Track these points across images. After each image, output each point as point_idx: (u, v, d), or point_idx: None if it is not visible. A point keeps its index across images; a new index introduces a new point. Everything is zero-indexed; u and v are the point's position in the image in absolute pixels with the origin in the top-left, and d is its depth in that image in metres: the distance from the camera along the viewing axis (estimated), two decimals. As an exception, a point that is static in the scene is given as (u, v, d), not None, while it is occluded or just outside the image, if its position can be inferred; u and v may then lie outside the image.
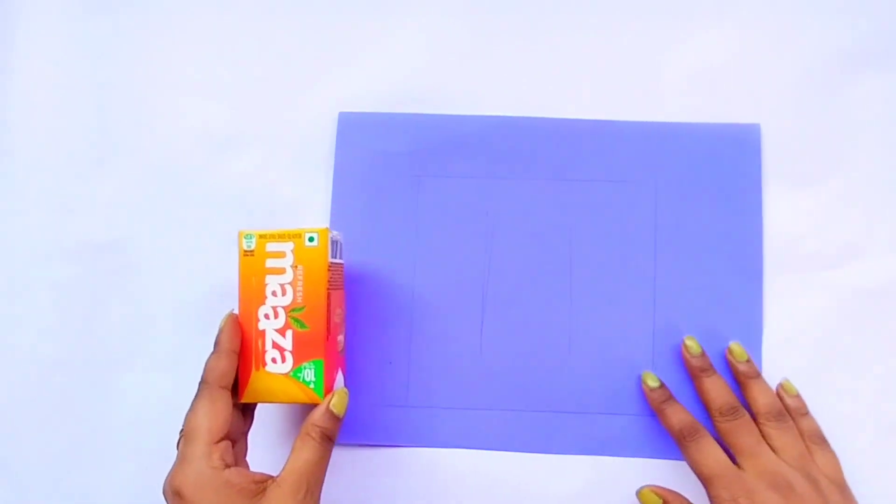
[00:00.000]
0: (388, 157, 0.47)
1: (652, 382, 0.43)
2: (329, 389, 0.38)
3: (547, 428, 0.45)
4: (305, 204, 0.47)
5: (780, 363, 0.45)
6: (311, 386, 0.37)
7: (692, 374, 0.44)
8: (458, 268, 0.46)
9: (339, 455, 0.45)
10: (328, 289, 0.38)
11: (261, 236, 0.38)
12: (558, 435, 0.45)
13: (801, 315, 0.45)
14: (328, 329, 0.38)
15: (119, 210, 0.48)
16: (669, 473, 0.44)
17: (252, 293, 0.38)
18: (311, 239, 0.38)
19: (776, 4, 0.48)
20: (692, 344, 0.44)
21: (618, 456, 0.44)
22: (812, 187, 0.47)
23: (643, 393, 0.44)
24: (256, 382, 0.38)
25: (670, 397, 0.43)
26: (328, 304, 0.38)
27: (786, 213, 0.46)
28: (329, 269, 0.38)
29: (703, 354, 0.44)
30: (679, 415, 0.42)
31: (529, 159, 0.47)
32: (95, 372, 0.46)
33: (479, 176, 0.47)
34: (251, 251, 0.38)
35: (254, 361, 0.38)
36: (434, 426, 0.45)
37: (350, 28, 0.49)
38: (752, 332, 0.45)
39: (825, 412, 0.44)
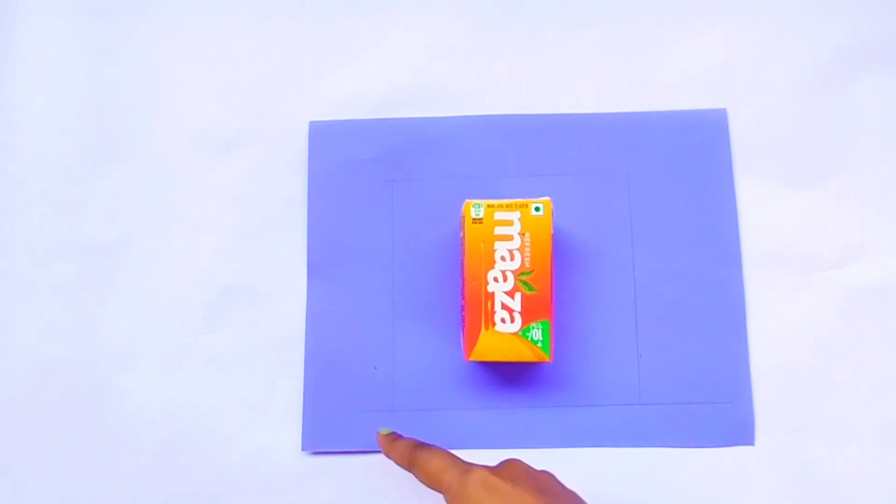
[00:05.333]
0: (361, 164, 0.47)
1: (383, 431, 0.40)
2: (553, 349, 0.40)
3: (532, 423, 0.45)
4: (284, 211, 0.47)
5: (778, 364, 0.45)
6: (539, 345, 0.39)
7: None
8: (435, 268, 0.46)
9: (331, 463, 0.45)
10: (552, 254, 0.40)
11: (489, 206, 0.40)
12: (543, 429, 0.45)
13: (800, 316, 0.46)
14: (553, 291, 0.40)
15: (119, 210, 0.48)
16: (659, 461, 0.44)
17: (481, 258, 0.40)
18: (537, 209, 0.40)
19: (776, 4, 0.48)
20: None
21: (604, 446, 0.45)
22: (811, 187, 0.47)
23: (629, 383, 0.44)
24: (486, 341, 0.39)
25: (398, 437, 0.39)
26: (553, 269, 0.39)
27: (784, 214, 0.46)
28: (552, 237, 0.40)
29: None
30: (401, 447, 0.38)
31: (500, 157, 0.47)
32: (95, 372, 0.46)
33: (450, 176, 0.47)
34: (479, 219, 0.40)
35: (483, 321, 0.39)
36: (422, 429, 0.45)
37: (328, 37, 0.49)
38: (736, 314, 0.45)
39: (825, 412, 0.44)
